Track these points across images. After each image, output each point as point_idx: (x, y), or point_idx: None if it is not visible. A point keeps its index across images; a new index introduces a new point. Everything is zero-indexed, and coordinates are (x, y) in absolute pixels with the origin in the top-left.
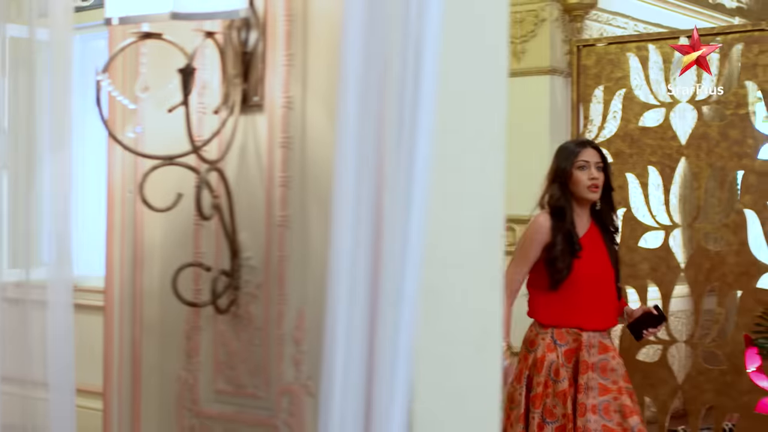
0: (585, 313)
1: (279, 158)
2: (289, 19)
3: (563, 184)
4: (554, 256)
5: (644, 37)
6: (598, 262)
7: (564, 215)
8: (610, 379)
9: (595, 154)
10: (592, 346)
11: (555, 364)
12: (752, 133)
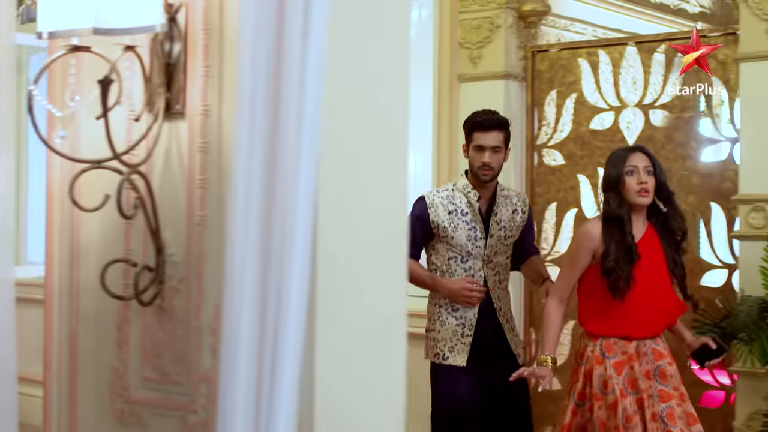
0: (635, 321)
1: (198, 162)
2: (206, 33)
3: (617, 192)
4: (611, 266)
5: (594, 43)
6: (653, 269)
7: (622, 223)
8: (670, 386)
9: (644, 158)
10: (645, 354)
11: (603, 376)
12: (695, 135)
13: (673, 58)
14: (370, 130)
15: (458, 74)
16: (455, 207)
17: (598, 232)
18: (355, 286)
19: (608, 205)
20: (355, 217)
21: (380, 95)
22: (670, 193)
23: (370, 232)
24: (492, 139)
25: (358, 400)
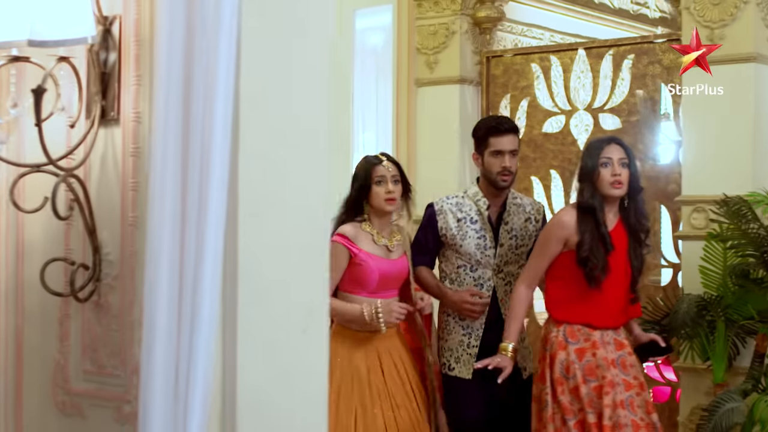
0: (598, 311)
1: (131, 166)
2: (137, 43)
3: (591, 182)
4: (586, 255)
5: (546, 48)
6: (619, 262)
7: (595, 214)
8: (631, 375)
9: (620, 150)
10: (608, 343)
11: (566, 361)
12: (642, 138)
13: (620, 63)
14: (291, 129)
15: (416, 79)
16: (464, 215)
17: (571, 221)
18: (277, 282)
19: (582, 196)
20: (276, 216)
21: (300, 95)
22: (639, 189)
23: (292, 230)
24: (509, 142)
25: (281, 391)
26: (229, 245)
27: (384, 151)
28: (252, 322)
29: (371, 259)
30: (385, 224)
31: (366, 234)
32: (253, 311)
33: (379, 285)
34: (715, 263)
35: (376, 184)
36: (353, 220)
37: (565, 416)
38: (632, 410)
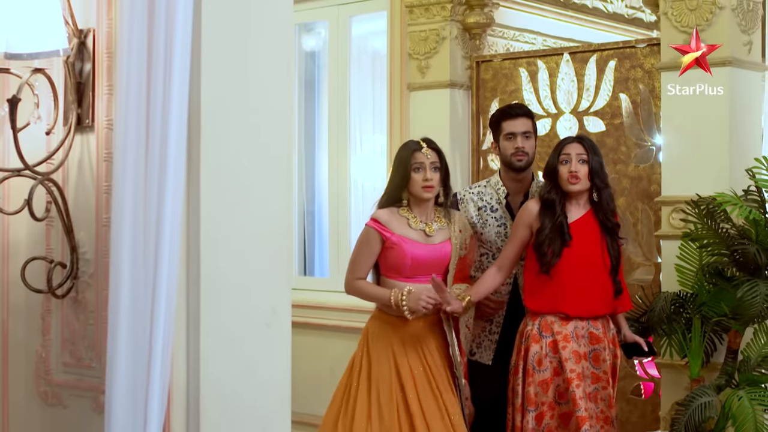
0: (570, 299)
1: (104, 170)
2: (109, 55)
3: (552, 178)
4: (541, 240)
5: (533, 53)
6: (588, 252)
7: (554, 207)
8: (601, 369)
9: (579, 147)
10: (582, 336)
11: (538, 354)
12: (625, 141)
13: (604, 67)
14: (253, 139)
15: (408, 83)
16: (485, 203)
17: (536, 208)
18: (239, 282)
19: (542, 189)
20: (240, 216)
21: (261, 106)
22: (603, 184)
23: (255, 235)
24: (521, 125)
25: (244, 383)
26: (192, 248)
27: (427, 136)
28: (214, 319)
29: (404, 242)
30: (424, 210)
31: (401, 218)
32: (215, 309)
33: (414, 269)
34: (691, 262)
35: (415, 171)
36: (392, 205)
37: (528, 407)
38: (595, 402)
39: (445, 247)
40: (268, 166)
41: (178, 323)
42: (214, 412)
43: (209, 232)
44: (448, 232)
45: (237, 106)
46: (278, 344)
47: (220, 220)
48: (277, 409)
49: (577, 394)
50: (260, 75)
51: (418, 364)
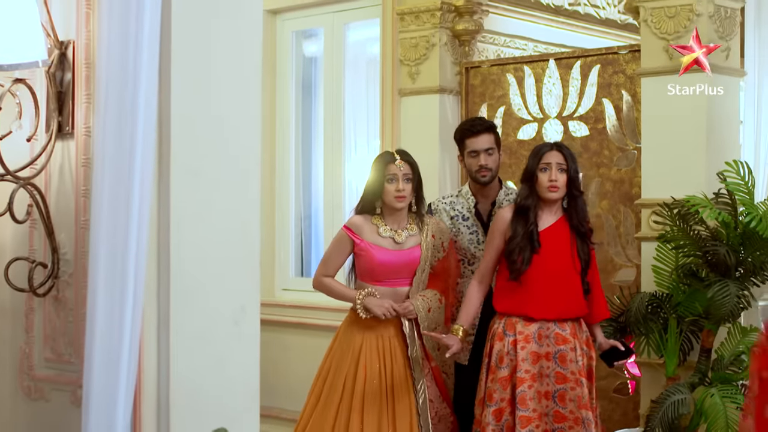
0: (535, 303)
1: (82, 175)
2: (87, 65)
3: (530, 184)
4: (512, 248)
5: (519, 59)
6: (558, 256)
7: (528, 213)
8: (568, 370)
9: (559, 155)
10: (547, 336)
11: (501, 352)
12: (608, 145)
13: (588, 73)
14: (222, 140)
15: (399, 89)
16: (457, 212)
17: (508, 217)
18: (207, 282)
19: (519, 195)
20: (209, 220)
21: (230, 115)
22: (578, 192)
23: (224, 237)
24: (484, 141)
25: (213, 379)
26: (162, 251)
27: (401, 148)
28: (184, 317)
29: (372, 248)
30: (397, 218)
31: (373, 226)
32: (184, 308)
33: (383, 273)
34: (666, 263)
35: (388, 182)
36: (367, 212)
37: (487, 402)
38: (561, 402)
39: (414, 252)
40: (236, 173)
41: (149, 321)
42: (183, 406)
43: (179, 235)
44: (419, 238)
45: (206, 116)
46: (247, 341)
47: (189, 223)
48: (246, 404)
49: (527, 394)
50: (228, 87)
51: (375, 363)
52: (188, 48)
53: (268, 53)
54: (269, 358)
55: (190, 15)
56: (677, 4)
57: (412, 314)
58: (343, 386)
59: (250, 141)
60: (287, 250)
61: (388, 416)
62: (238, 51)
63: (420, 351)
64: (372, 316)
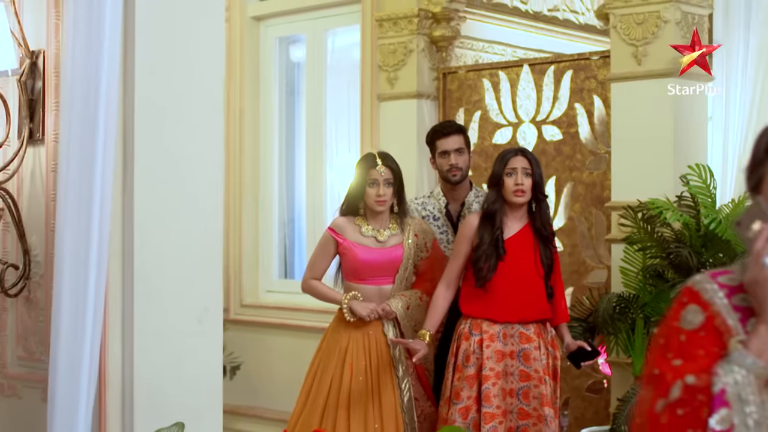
0: (499, 307)
1: (52, 180)
2: (56, 74)
3: (497, 189)
4: (478, 256)
5: (495, 65)
6: (522, 263)
7: (494, 219)
8: (532, 368)
9: (524, 160)
10: (511, 336)
11: (467, 351)
12: (580, 149)
13: (560, 78)
14: (187, 148)
15: (378, 94)
16: (428, 212)
17: (475, 223)
18: (171, 282)
19: (486, 200)
20: (173, 224)
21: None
22: (543, 196)
23: (187, 239)
24: (454, 142)
25: (176, 377)
26: (126, 254)
27: (384, 151)
28: (147, 317)
29: (356, 247)
30: (379, 219)
31: (355, 226)
32: (148, 308)
33: (367, 272)
34: (633, 264)
35: (369, 186)
36: (350, 214)
37: (454, 400)
38: (525, 400)
39: (396, 250)
40: (200, 179)
41: (114, 320)
42: (147, 402)
43: (143, 239)
44: (401, 237)
45: (169, 123)
46: (210, 340)
47: (154, 228)
48: (209, 400)
49: (492, 392)
50: (192, 94)
51: (362, 361)
52: (151, 56)
53: (253, 59)
54: (253, 358)
55: (152, 21)
56: (645, 11)
57: (391, 314)
58: (330, 384)
59: (213, 148)
60: (271, 253)
61: (374, 413)
62: (201, 58)
63: (403, 351)
64: (358, 318)
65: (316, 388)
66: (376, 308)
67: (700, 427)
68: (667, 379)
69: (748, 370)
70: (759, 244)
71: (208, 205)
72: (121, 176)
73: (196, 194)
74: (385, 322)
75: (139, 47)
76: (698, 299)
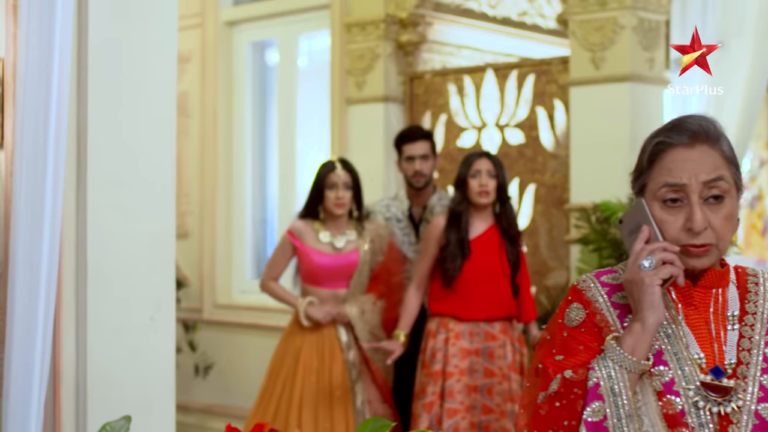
0: (465, 305)
1: (10, 184)
2: (14, 79)
3: (462, 191)
4: (445, 256)
5: (459, 69)
6: (487, 262)
7: (460, 220)
8: (496, 365)
9: (488, 162)
10: (477, 334)
11: (434, 348)
12: (542, 152)
13: (523, 82)
14: (138, 149)
15: (346, 98)
16: (392, 214)
17: (442, 224)
18: (123, 278)
19: (452, 201)
20: (125, 222)
21: (146, 126)
22: (507, 197)
23: (140, 235)
24: (420, 148)
25: (130, 369)
26: (80, 251)
27: (343, 157)
28: (100, 312)
29: (312, 252)
30: (337, 224)
31: (313, 231)
32: (101, 303)
33: (323, 276)
34: (590, 265)
35: (329, 189)
36: (309, 217)
37: (420, 395)
38: (489, 396)
39: (351, 256)
40: (153, 179)
41: (68, 316)
42: (100, 395)
43: (96, 237)
44: (357, 243)
45: (122, 126)
46: (163, 335)
47: (107, 227)
48: (162, 394)
49: (456, 388)
50: (144, 100)
51: (315, 362)
52: (104, 60)
53: (227, 63)
54: (227, 358)
55: (105, 25)
56: (603, 17)
57: (344, 318)
58: (283, 384)
59: (166, 147)
60: (244, 253)
61: (324, 414)
62: (153, 62)
63: (357, 354)
64: (313, 323)
65: (271, 389)
66: (330, 311)
67: (575, 418)
68: (548, 373)
69: (621, 365)
70: (637, 246)
71: (162, 203)
72: (75, 175)
73: (150, 193)
74: (338, 325)
75: (92, 52)
76: (581, 297)
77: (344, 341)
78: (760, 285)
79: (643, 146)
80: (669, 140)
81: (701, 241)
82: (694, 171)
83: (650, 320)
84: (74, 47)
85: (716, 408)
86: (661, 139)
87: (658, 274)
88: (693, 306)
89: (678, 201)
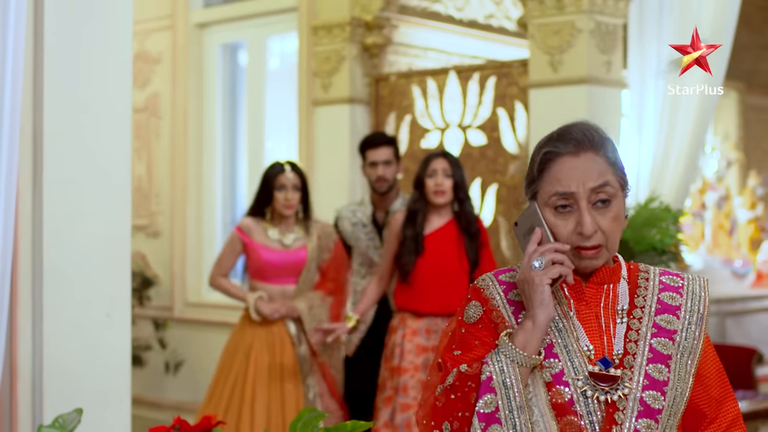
0: (423, 299)
1: None
2: None
3: (419, 190)
4: (401, 252)
5: (423, 71)
6: (444, 257)
7: (416, 217)
8: None
9: (444, 162)
10: (435, 331)
11: (393, 344)
12: (503, 152)
13: (485, 84)
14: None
15: (313, 99)
16: (357, 219)
17: (400, 221)
18: (79, 276)
19: (410, 200)
20: (80, 221)
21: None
22: (465, 196)
23: (95, 233)
24: (382, 154)
25: (85, 365)
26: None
27: (292, 159)
28: (56, 308)
29: (261, 248)
30: (285, 223)
31: (261, 227)
32: (57, 300)
33: (271, 272)
34: None
35: (278, 190)
36: (257, 216)
37: (381, 388)
38: None
39: (299, 253)
40: (108, 179)
41: (24, 312)
42: (57, 389)
43: (52, 234)
44: (305, 240)
45: (77, 127)
46: (118, 331)
47: (63, 226)
48: (118, 388)
49: (409, 383)
50: (100, 101)
51: (265, 356)
52: (59, 60)
53: (197, 65)
54: (197, 355)
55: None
56: (561, 21)
57: (294, 313)
58: (234, 379)
59: (122, 145)
60: (213, 253)
61: (276, 408)
62: (109, 61)
63: (307, 349)
64: (262, 318)
65: (222, 384)
66: (279, 308)
67: (469, 410)
68: (447, 367)
69: (513, 360)
70: (530, 247)
71: (117, 201)
72: (31, 173)
73: (105, 191)
74: (287, 320)
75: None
76: (479, 296)
77: (294, 335)
78: (650, 280)
79: (532, 155)
80: (556, 150)
81: (592, 243)
82: (581, 179)
83: (540, 317)
84: (30, 48)
85: (603, 396)
86: (548, 149)
87: (547, 274)
88: (584, 301)
89: (568, 207)
